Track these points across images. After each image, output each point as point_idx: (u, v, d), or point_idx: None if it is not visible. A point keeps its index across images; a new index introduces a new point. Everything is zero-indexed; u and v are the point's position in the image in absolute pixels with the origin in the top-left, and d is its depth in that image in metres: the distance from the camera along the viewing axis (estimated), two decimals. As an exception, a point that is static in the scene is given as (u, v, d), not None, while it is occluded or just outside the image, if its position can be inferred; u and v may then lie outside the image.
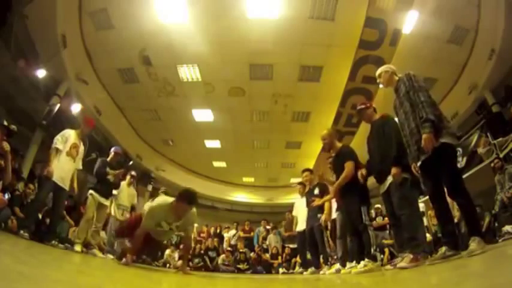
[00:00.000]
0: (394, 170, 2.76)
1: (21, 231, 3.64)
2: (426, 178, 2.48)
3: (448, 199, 2.40)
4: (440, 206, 2.40)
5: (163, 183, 12.05)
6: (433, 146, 2.25)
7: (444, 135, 2.29)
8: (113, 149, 5.25)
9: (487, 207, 6.00)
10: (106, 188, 4.73)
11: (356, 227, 3.47)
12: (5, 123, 3.84)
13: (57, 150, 4.03)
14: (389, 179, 2.84)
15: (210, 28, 6.85)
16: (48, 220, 4.56)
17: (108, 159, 5.07)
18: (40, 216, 4.58)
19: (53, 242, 3.94)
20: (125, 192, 5.56)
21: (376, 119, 3.30)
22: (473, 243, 2.09)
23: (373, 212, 7.26)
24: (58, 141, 4.08)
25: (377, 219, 6.71)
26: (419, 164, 2.44)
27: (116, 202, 5.31)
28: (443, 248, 2.27)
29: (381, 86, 3.15)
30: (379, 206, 6.63)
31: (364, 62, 6.94)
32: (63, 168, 4.05)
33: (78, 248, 4.27)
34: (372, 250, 3.44)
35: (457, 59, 7.51)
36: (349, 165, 3.49)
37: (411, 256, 2.46)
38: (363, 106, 3.45)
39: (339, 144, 3.90)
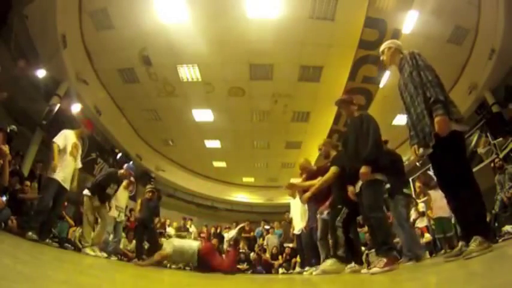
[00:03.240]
0: (363, 169, 2.63)
1: (29, 233, 3.59)
2: (436, 168, 2.29)
3: None
4: (456, 196, 2.16)
5: (163, 183, 12.08)
6: (449, 129, 2.01)
7: (453, 121, 2.06)
8: (128, 167, 5.11)
9: (487, 207, 6.00)
10: (102, 196, 4.72)
11: (331, 227, 3.45)
12: (8, 128, 3.82)
13: (59, 147, 4.01)
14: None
15: (210, 28, 6.85)
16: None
17: (120, 172, 4.98)
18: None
19: (47, 240, 3.92)
20: (122, 194, 5.59)
21: (355, 116, 3.17)
22: (474, 243, 1.89)
23: None
24: (58, 139, 4.08)
25: None
26: (429, 151, 2.19)
27: (114, 203, 5.33)
28: (460, 243, 2.16)
29: (387, 73, 2.99)
30: None
31: (364, 62, 6.95)
32: (67, 168, 4.07)
33: (89, 250, 4.29)
34: (341, 251, 3.31)
35: (457, 59, 7.52)
36: (331, 170, 3.41)
37: (385, 260, 2.39)
38: (347, 98, 3.31)
39: (333, 153, 3.86)
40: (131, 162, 5.26)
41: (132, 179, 5.86)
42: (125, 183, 5.69)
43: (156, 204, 6.70)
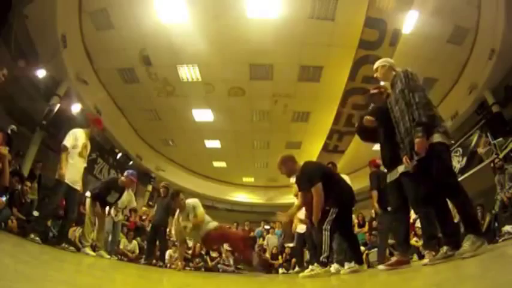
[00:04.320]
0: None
1: (32, 235, 3.50)
2: (422, 178, 2.41)
3: None
4: (439, 205, 2.33)
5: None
6: (426, 149, 2.24)
7: (436, 133, 2.25)
8: (129, 174, 4.88)
9: (487, 207, 6.01)
10: (103, 203, 4.68)
11: (318, 231, 3.32)
12: (9, 129, 3.80)
13: (67, 150, 3.87)
14: (401, 167, 2.60)
15: (210, 28, 6.85)
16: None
17: (121, 180, 4.82)
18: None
19: (64, 244, 3.91)
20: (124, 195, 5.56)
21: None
22: (467, 243, 1.96)
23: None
24: (68, 141, 3.92)
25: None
26: (414, 163, 2.38)
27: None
28: (445, 248, 2.23)
29: (382, 83, 3.01)
30: None
31: (364, 62, 6.94)
32: (76, 169, 3.95)
33: (88, 250, 4.29)
34: (324, 256, 3.16)
35: (457, 59, 7.51)
36: (316, 188, 3.12)
37: (433, 253, 2.46)
38: (376, 91, 3.15)
39: (298, 166, 3.46)
40: (131, 171, 5.02)
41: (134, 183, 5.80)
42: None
43: (168, 201, 6.59)
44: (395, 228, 2.89)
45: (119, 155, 10.15)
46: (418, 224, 6.81)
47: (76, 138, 4.03)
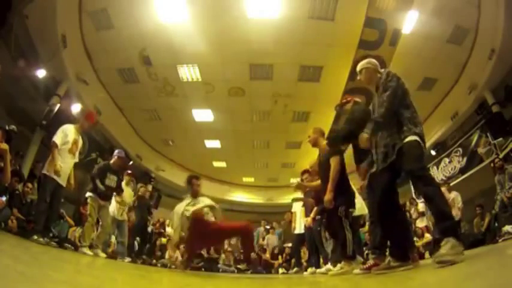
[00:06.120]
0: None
1: (35, 237, 3.52)
2: (384, 177, 2.34)
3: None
4: (392, 214, 2.32)
5: (163, 183, 12.09)
6: (365, 146, 2.36)
7: (412, 135, 2.14)
8: (116, 153, 5.10)
9: (487, 207, 6.01)
10: (105, 192, 4.68)
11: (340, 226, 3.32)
12: (7, 127, 3.81)
13: (57, 146, 3.92)
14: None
15: (210, 28, 6.84)
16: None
17: (111, 162, 4.97)
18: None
19: (46, 239, 3.92)
20: (126, 191, 5.58)
21: None
22: (446, 246, 1.73)
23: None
24: (58, 137, 3.98)
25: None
26: (383, 166, 2.31)
27: (117, 201, 5.31)
28: (388, 259, 2.24)
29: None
30: None
31: (364, 62, 6.94)
32: (64, 166, 3.97)
33: (86, 250, 4.29)
34: (350, 250, 3.19)
35: (457, 59, 7.51)
36: (334, 160, 3.31)
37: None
38: (344, 101, 3.44)
39: (323, 142, 3.64)
40: (118, 150, 5.18)
41: (129, 171, 5.83)
42: (126, 179, 5.70)
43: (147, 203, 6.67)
44: (372, 230, 2.85)
45: (119, 155, 10.14)
46: (418, 224, 6.83)
47: (66, 134, 4.05)
